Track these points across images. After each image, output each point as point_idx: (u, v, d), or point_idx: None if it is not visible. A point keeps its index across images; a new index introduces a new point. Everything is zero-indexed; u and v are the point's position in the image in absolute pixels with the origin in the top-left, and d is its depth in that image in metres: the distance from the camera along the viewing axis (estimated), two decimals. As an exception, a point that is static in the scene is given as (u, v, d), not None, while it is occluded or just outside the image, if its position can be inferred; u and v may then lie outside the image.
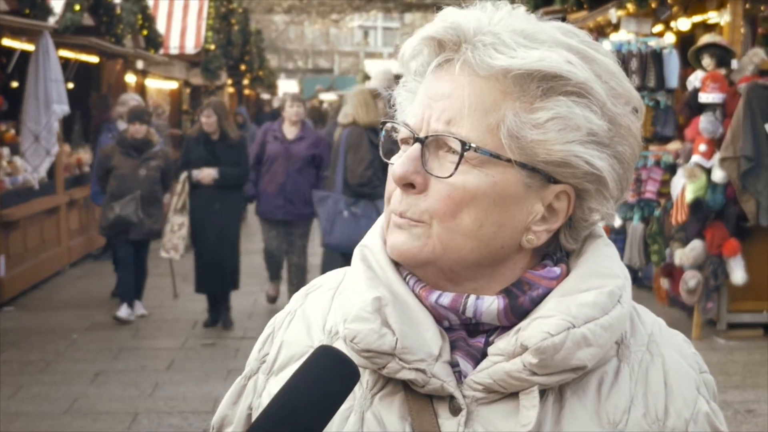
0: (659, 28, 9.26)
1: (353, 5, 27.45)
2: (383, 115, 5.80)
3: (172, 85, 18.37)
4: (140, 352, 7.25)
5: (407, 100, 1.12)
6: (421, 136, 1.05)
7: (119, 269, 8.34)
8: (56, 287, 9.82)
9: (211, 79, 18.76)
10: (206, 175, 7.59)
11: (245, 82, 25.64)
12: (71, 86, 11.09)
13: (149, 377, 6.53)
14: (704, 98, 7.20)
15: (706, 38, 7.55)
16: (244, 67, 23.38)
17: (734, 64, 7.31)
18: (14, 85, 10.42)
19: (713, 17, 8.49)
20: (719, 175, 7.06)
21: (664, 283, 7.82)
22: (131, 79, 14.32)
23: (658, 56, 8.30)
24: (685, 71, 8.29)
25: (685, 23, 8.92)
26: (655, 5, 8.62)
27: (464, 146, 1.01)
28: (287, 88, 37.64)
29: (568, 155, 1.02)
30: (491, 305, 1.05)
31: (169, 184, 8.05)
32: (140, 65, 14.35)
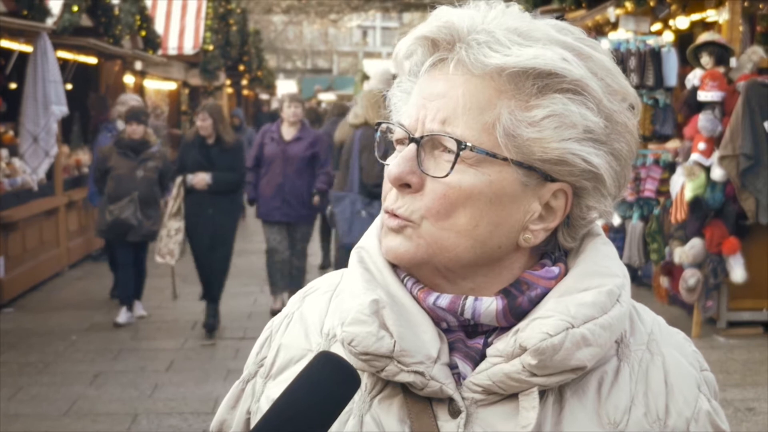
0: (658, 26, 9.26)
1: (352, 5, 27.42)
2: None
3: (170, 85, 18.36)
4: (140, 353, 7.24)
5: (402, 100, 1.12)
6: (416, 136, 1.04)
7: (118, 272, 8.29)
8: (55, 288, 9.81)
9: (209, 79, 18.75)
10: (200, 180, 7.48)
11: (244, 82, 25.64)
12: (70, 87, 11.08)
13: (149, 378, 6.53)
14: (703, 96, 7.20)
15: (704, 36, 7.54)
16: (242, 67, 23.38)
17: (733, 62, 7.30)
18: (12, 86, 10.41)
19: (712, 15, 8.48)
20: (718, 173, 7.06)
21: (663, 281, 7.82)
22: (130, 79, 14.32)
23: (656, 55, 8.30)
24: (683, 69, 8.28)
25: (683, 21, 8.91)
26: (653, 4, 8.62)
27: (460, 145, 1.01)
28: (286, 88, 37.65)
29: (564, 153, 1.02)
30: (490, 306, 1.05)
31: (167, 185, 7.98)
32: (139, 66, 14.33)
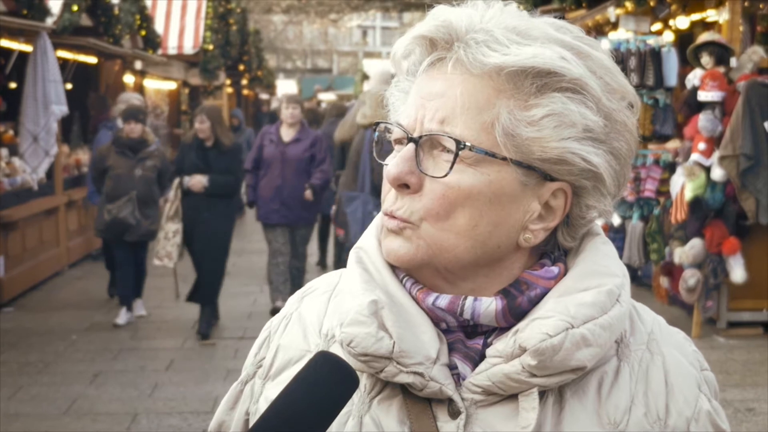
0: (658, 26, 9.26)
1: (352, 5, 27.41)
2: None
3: (170, 85, 18.35)
4: (139, 352, 7.23)
5: (400, 100, 1.11)
6: (414, 136, 1.04)
7: (117, 272, 8.26)
8: (55, 288, 9.81)
9: (209, 79, 18.74)
10: (196, 182, 7.42)
11: (244, 82, 25.63)
12: (69, 87, 11.09)
13: (148, 378, 6.52)
14: (703, 96, 7.20)
15: (704, 36, 7.54)
16: (242, 67, 23.38)
17: (733, 62, 7.30)
18: (12, 86, 10.43)
19: (712, 15, 8.48)
20: (718, 173, 7.06)
21: (663, 281, 7.82)
22: (130, 79, 14.31)
23: (656, 54, 8.29)
24: (684, 69, 8.28)
25: (683, 21, 8.91)
26: (653, 3, 8.61)
27: (459, 145, 1.00)
28: (286, 88, 37.68)
29: (564, 152, 1.01)
30: (489, 306, 1.05)
31: (165, 184, 7.92)
32: (138, 66, 14.33)
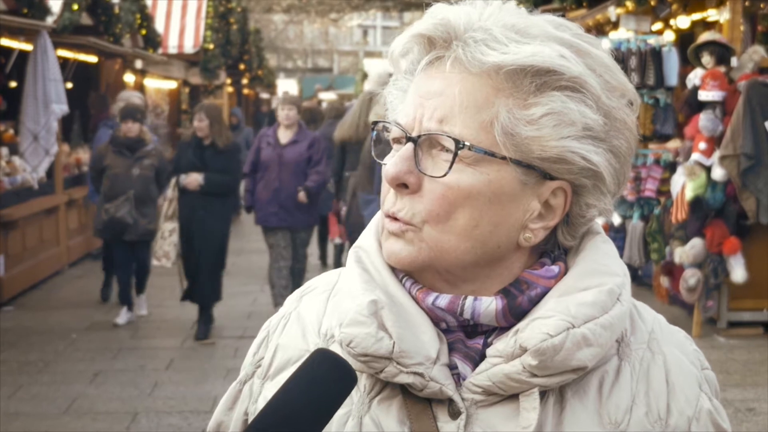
0: (658, 25, 9.26)
1: (352, 4, 27.40)
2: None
3: (170, 84, 18.34)
4: (139, 351, 7.23)
5: (398, 98, 1.11)
6: (413, 135, 1.03)
7: (117, 272, 8.22)
8: (55, 287, 9.81)
9: (209, 78, 18.74)
10: (192, 180, 7.32)
11: (244, 81, 25.62)
12: (70, 86, 11.09)
13: (148, 377, 6.52)
14: (704, 96, 7.19)
15: (705, 36, 7.54)
16: (243, 66, 23.36)
17: (734, 61, 7.29)
18: (13, 85, 10.43)
19: (713, 15, 8.47)
20: (719, 173, 7.05)
21: (664, 281, 7.81)
22: (130, 78, 14.31)
23: (657, 54, 8.29)
24: (684, 69, 8.28)
25: (684, 21, 8.90)
26: (654, 3, 8.61)
27: (458, 145, 1.00)
28: (286, 87, 37.64)
29: (563, 151, 1.01)
30: (489, 306, 1.04)
31: (164, 183, 7.86)
32: (139, 65, 14.32)
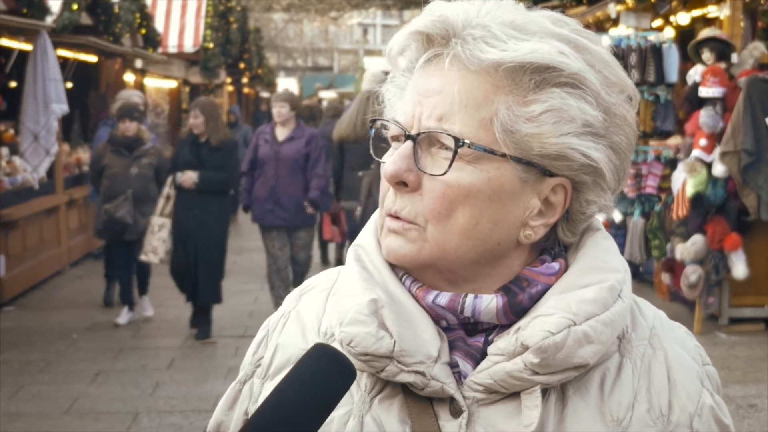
0: (659, 22, 9.25)
1: (352, 3, 27.39)
2: None
3: (171, 83, 18.35)
4: (140, 351, 7.23)
5: (396, 96, 1.10)
6: (412, 133, 1.03)
7: (118, 272, 8.21)
8: (56, 287, 9.81)
9: (210, 77, 18.74)
10: (187, 178, 7.23)
11: (244, 80, 25.60)
12: (70, 86, 11.09)
13: (150, 376, 6.52)
14: (704, 92, 7.18)
15: (705, 32, 7.53)
16: (243, 65, 23.35)
17: (734, 58, 7.29)
18: (13, 84, 10.42)
19: (713, 11, 8.46)
20: (720, 169, 7.05)
21: (665, 278, 7.81)
22: (130, 78, 14.30)
23: (657, 51, 8.29)
24: (684, 66, 8.27)
25: (684, 17, 8.90)
26: (654, 0, 8.60)
27: (458, 143, 0.99)
28: (287, 86, 37.63)
29: (563, 148, 1.00)
30: (490, 304, 1.04)
31: (163, 181, 7.75)
32: (139, 64, 14.32)
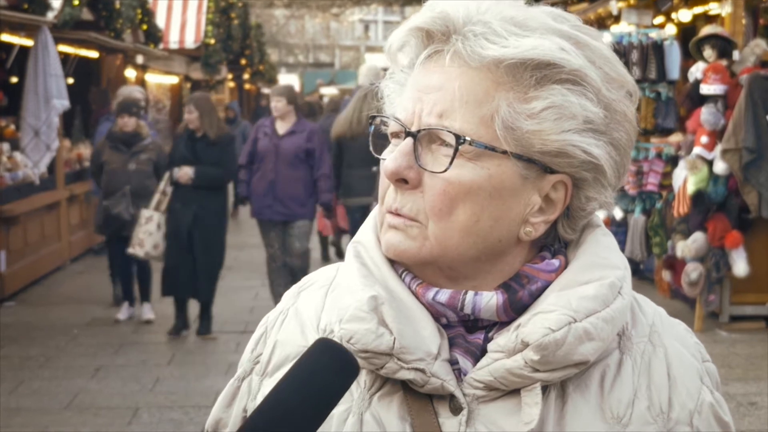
0: (660, 19, 9.24)
1: (353, -1, 27.38)
2: None
3: (172, 79, 18.36)
4: (141, 346, 7.23)
5: (396, 92, 1.10)
6: (412, 130, 1.02)
7: (118, 269, 8.16)
8: (57, 282, 9.81)
9: (211, 73, 18.75)
10: (183, 174, 7.16)
11: (246, 76, 25.64)
12: (71, 81, 11.08)
13: (150, 372, 6.52)
14: (706, 90, 7.18)
15: (707, 29, 7.52)
16: (244, 61, 23.37)
17: (736, 55, 7.28)
18: (14, 80, 10.42)
19: (714, 8, 8.46)
20: (721, 166, 7.04)
21: (665, 275, 7.81)
22: (131, 73, 14.31)
23: (659, 48, 8.28)
24: (686, 63, 8.26)
25: (686, 14, 8.90)
26: (655, -4, 8.60)
27: (458, 140, 0.99)
28: (288, 82, 37.60)
29: (564, 145, 1.00)
30: (490, 301, 1.03)
31: (163, 177, 7.79)
32: (140, 60, 14.33)
